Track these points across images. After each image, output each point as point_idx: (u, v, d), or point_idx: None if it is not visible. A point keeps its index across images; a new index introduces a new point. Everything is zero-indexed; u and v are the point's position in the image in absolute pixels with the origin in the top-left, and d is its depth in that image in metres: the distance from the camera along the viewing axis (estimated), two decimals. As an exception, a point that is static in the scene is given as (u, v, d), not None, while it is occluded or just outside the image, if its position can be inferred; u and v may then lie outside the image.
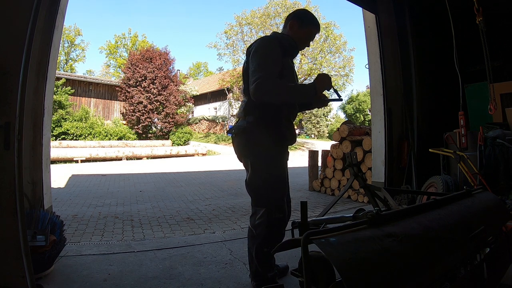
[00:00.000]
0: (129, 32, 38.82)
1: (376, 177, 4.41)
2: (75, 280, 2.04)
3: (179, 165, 11.16)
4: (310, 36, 1.87)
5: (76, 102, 16.91)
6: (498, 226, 1.53)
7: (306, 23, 1.84)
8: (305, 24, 1.83)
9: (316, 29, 1.88)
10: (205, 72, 45.12)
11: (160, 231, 3.31)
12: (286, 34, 1.84)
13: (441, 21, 3.75)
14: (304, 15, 1.88)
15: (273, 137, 1.73)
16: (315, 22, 1.87)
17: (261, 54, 1.66)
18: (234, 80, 21.88)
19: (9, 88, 1.45)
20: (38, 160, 2.51)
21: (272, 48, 1.68)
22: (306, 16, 1.87)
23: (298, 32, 1.83)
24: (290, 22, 1.85)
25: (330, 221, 1.71)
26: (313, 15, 1.91)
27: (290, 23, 1.85)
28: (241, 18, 20.22)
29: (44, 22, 2.47)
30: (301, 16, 1.86)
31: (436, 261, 1.00)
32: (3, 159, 1.43)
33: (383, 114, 4.40)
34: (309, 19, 1.85)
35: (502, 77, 3.76)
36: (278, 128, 1.75)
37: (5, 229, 1.44)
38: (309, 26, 1.84)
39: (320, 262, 1.03)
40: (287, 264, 2.18)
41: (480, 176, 2.84)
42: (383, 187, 1.85)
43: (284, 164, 1.86)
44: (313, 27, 1.86)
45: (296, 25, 1.83)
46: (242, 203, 4.77)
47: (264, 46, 1.69)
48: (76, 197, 5.08)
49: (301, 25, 1.83)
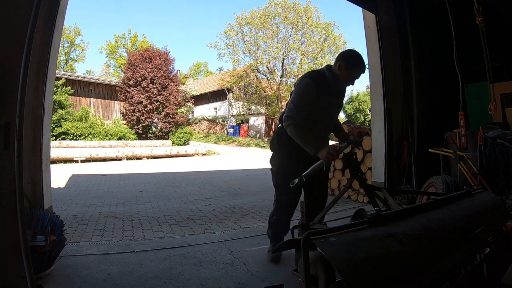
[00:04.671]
0: (129, 32, 38.83)
1: (376, 177, 4.41)
2: (75, 280, 2.04)
3: (179, 165, 11.16)
4: (355, 76, 2.07)
5: (76, 102, 16.90)
6: (498, 226, 1.53)
7: (352, 64, 2.03)
8: (352, 65, 2.03)
9: (361, 71, 2.06)
10: (205, 72, 45.10)
11: (160, 231, 3.31)
12: (329, 73, 2.09)
13: (441, 21, 3.75)
14: (350, 57, 2.06)
15: (281, 146, 2.24)
16: (360, 64, 2.05)
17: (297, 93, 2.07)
18: (234, 80, 21.88)
19: (9, 88, 1.45)
20: (38, 160, 2.51)
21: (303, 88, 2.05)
22: (352, 58, 2.05)
23: (344, 72, 2.04)
24: (339, 63, 2.05)
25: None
26: (359, 57, 2.07)
27: (339, 64, 2.05)
28: (241, 18, 20.22)
29: (44, 22, 2.47)
30: (348, 58, 2.05)
31: (436, 261, 1.00)
32: (3, 159, 1.43)
33: (383, 114, 4.39)
34: (354, 62, 2.04)
35: (502, 77, 3.77)
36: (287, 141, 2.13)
37: (5, 229, 1.44)
38: (355, 68, 2.04)
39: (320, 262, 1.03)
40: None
41: (480, 176, 2.84)
42: (383, 187, 1.86)
43: (291, 167, 2.14)
44: (358, 69, 2.05)
45: (343, 66, 2.03)
46: (242, 203, 4.77)
47: (302, 87, 2.07)
48: (76, 197, 5.08)
49: (347, 67, 2.03)
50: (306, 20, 19.25)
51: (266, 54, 20.23)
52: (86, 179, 7.33)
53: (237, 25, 20.44)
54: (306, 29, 19.41)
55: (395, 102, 4.46)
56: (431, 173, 3.70)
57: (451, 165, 3.61)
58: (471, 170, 2.97)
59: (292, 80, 20.31)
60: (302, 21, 19.25)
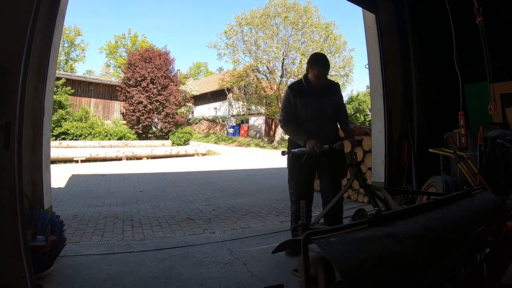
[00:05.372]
0: (129, 32, 38.67)
1: (376, 177, 4.41)
2: (75, 280, 2.04)
3: (179, 165, 11.16)
4: (318, 73, 2.32)
5: (76, 102, 16.89)
6: (498, 226, 1.53)
7: (312, 64, 2.32)
8: (312, 65, 2.33)
9: (322, 68, 2.30)
10: (205, 72, 45.04)
11: (160, 231, 3.31)
12: (305, 78, 2.46)
13: (441, 21, 3.75)
14: (311, 59, 2.39)
15: (290, 146, 2.56)
16: (318, 62, 2.31)
17: (282, 101, 2.61)
18: (234, 80, 21.86)
19: (9, 88, 1.45)
20: (38, 160, 2.51)
21: (285, 97, 2.53)
22: (312, 59, 2.38)
23: (311, 74, 2.38)
24: (306, 67, 2.42)
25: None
26: (318, 57, 2.40)
27: (306, 68, 2.43)
28: (241, 18, 20.18)
29: (44, 22, 2.47)
30: (309, 60, 2.38)
31: (436, 261, 1.00)
32: (3, 159, 1.43)
33: (383, 114, 4.39)
34: (314, 62, 2.33)
35: (502, 77, 3.76)
36: (294, 142, 2.49)
37: (5, 229, 1.44)
38: (315, 67, 2.31)
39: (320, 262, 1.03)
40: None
41: (480, 176, 2.84)
42: (383, 187, 1.86)
43: (299, 167, 2.47)
44: (317, 66, 2.30)
45: (309, 69, 2.39)
46: (242, 203, 4.77)
47: (284, 96, 2.57)
48: (76, 197, 5.08)
49: (310, 68, 2.36)
50: (306, 20, 19.23)
51: (266, 54, 20.22)
52: (86, 179, 7.33)
53: (237, 25, 20.41)
54: (306, 29, 19.39)
55: (395, 102, 4.46)
56: (431, 173, 3.70)
57: (451, 165, 3.61)
58: (471, 170, 2.97)
59: (292, 80, 20.31)
60: (302, 21, 19.23)
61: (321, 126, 2.48)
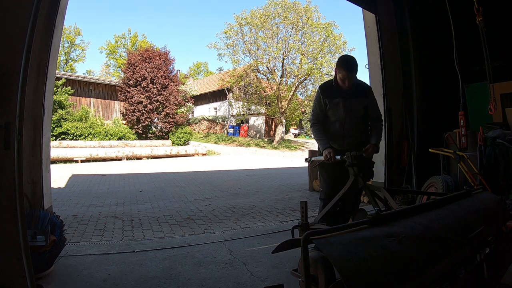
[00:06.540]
0: (129, 32, 38.67)
1: (376, 177, 4.40)
2: (75, 280, 2.04)
3: (179, 165, 11.15)
4: (343, 76, 2.35)
5: (76, 102, 16.88)
6: (498, 226, 1.53)
7: (339, 67, 2.37)
8: (338, 68, 2.39)
9: (346, 71, 2.32)
10: (205, 72, 45.06)
11: (160, 231, 3.31)
12: (334, 79, 2.48)
13: (441, 21, 3.74)
14: (338, 61, 2.43)
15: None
16: (342, 65, 2.35)
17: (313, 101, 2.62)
18: (234, 80, 21.84)
19: (9, 88, 1.45)
20: (38, 160, 2.51)
21: (315, 97, 2.59)
22: (338, 61, 2.42)
23: (337, 75, 2.41)
24: (334, 69, 2.47)
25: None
26: (342, 60, 2.40)
27: (334, 69, 2.48)
28: (241, 18, 20.17)
29: (44, 22, 2.47)
30: (337, 63, 2.43)
31: (436, 261, 1.00)
32: (3, 159, 1.43)
33: (383, 114, 4.39)
34: (340, 64, 2.37)
35: (502, 77, 3.76)
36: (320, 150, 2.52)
37: (5, 229, 1.44)
38: (340, 69, 2.36)
39: (320, 262, 1.03)
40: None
41: (480, 176, 2.84)
42: (383, 187, 1.86)
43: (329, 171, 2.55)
44: (342, 69, 2.34)
45: (336, 70, 2.44)
46: (242, 203, 4.77)
47: (315, 96, 2.60)
48: (76, 197, 5.08)
49: (337, 70, 2.41)
50: (306, 20, 19.22)
51: (266, 54, 20.19)
52: (86, 179, 7.33)
53: (237, 25, 20.39)
54: (306, 29, 19.38)
55: (395, 102, 4.46)
56: (431, 173, 3.70)
57: (451, 165, 3.61)
58: (471, 170, 2.97)
59: (292, 80, 20.30)
60: (302, 21, 19.22)
61: (349, 128, 2.50)
